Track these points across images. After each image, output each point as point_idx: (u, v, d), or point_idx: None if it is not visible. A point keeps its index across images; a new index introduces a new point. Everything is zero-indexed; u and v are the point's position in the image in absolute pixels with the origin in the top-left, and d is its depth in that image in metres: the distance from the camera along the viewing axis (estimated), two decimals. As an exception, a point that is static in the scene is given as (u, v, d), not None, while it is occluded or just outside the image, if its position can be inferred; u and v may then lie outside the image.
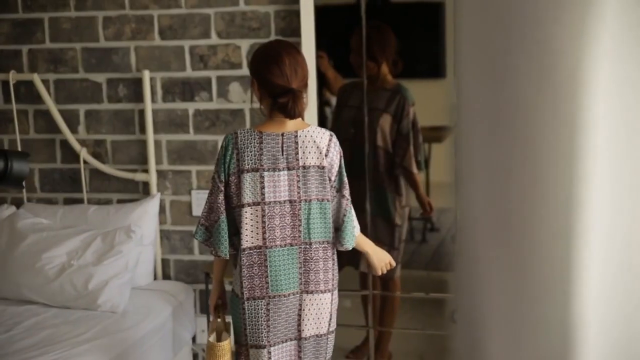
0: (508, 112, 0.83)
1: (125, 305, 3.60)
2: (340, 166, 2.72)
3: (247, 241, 2.66)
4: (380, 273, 2.93)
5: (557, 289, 0.81)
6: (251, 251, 2.66)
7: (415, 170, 3.75)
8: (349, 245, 2.74)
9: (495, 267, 0.86)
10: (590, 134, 0.78)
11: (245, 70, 3.83)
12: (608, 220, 0.80)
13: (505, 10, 0.80)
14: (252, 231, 2.66)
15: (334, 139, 2.72)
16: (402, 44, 3.77)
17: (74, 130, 4.07)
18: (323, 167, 2.68)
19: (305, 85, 2.68)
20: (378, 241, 3.79)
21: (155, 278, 4.03)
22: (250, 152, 2.64)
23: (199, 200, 3.98)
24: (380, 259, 2.92)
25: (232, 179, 2.66)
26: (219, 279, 2.88)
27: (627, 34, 0.76)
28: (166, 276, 4.09)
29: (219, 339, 2.83)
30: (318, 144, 2.67)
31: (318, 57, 3.71)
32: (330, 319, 2.79)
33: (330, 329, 2.80)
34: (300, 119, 2.69)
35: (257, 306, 2.68)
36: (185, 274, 4.07)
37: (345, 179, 2.73)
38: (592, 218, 0.79)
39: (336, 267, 2.79)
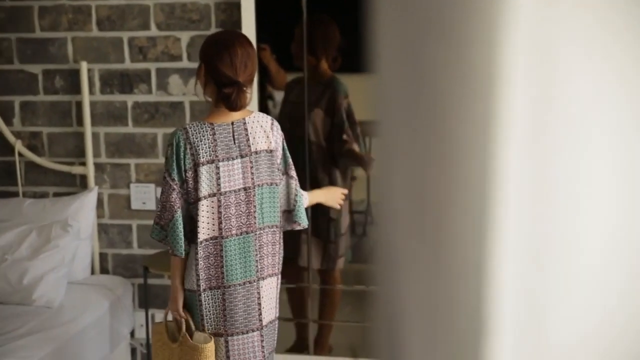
0: (425, 107, 0.84)
1: (62, 300, 3.55)
2: (283, 148, 2.77)
3: (203, 233, 2.65)
4: (339, 207, 3.14)
5: (471, 277, 0.83)
6: (207, 243, 2.66)
7: (357, 148, 3.77)
8: (305, 223, 2.83)
9: (413, 260, 0.87)
10: (504, 131, 0.79)
11: (185, 63, 3.80)
12: (521, 214, 0.82)
13: (424, 3, 0.81)
14: (208, 223, 2.65)
15: (275, 122, 2.78)
16: (343, 38, 3.78)
17: (8, 122, 3.99)
18: (271, 151, 2.72)
19: (251, 81, 2.70)
20: (315, 236, 3.80)
21: (92, 272, 3.97)
22: (205, 144, 2.63)
23: (137, 194, 3.94)
24: (334, 198, 3.08)
25: (189, 174, 2.64)
26: (180, 279, 2.77)
27: (541, 30, 0.78)
28: (104, 270, 4.03)
29: (191, 338, 2.73)
30: (265, 128, 2.72)
31: (260, 50, 3.69)
32: (277, 303, 2.84)
33: (277, 314, 2.85)
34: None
35: (214, 296, 2.68)
36: (123, 268, 4.02)
37: (290, 160, 2.79)
38: (506, 211, 0.81)
39: (282, 250, 2.82)
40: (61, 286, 3.57)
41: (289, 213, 2.79)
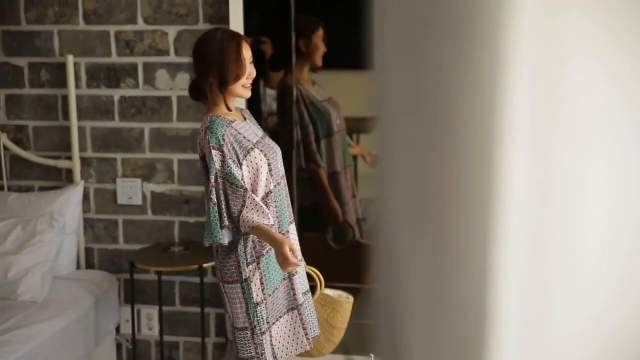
0: (428, 103, 0.84)
1: (47, 295, 3.52)
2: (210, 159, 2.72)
3: None
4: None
5: (475, 274, 0.83)
6: None
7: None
8: (204, 242, 2.73)
9: (414, 256, 0.88)
10: (507, 128, 0.80)
11: (172, 57, 3.78)
12: (524, 209, 0.82)
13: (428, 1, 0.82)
14: None
15: (207, 129, 2.73)
16: (330, 35, 3.78)
17: (-6, 115, 3.96)
18: (201, 157, 2.78)
19: (198, 72, 2.79)
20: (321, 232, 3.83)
21: (78, 267, 3.95)
22: None
23: (124, 189, 3.92)
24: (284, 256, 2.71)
25: None
26: None
27: (546, 27, 0.78)
28: (90, 265, 4.01)
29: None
30: (200, 134, 2.79)
31: (262, 43, 3.69)
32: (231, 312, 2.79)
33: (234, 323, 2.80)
34: (212, 105, 2.82)
35: None
36: (109, 263, 4.00)
37: (209, 172, 2.72)
38: (509, 207, 0.81)
39: (225, 260, 2.77)
40: (46, 281, 3.54)
41: None
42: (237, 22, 3.60)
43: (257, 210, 2.68)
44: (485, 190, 0.81)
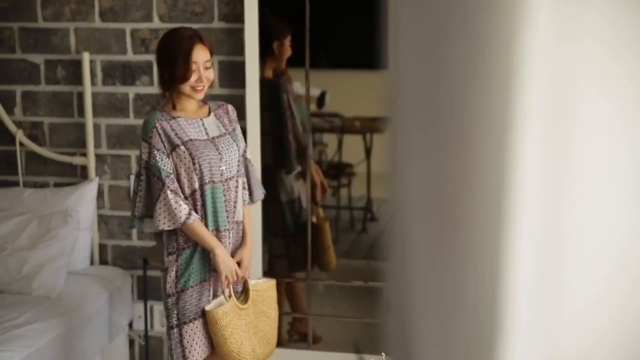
0: (442, 103, 0.84)
1: (61, 290, 3.55)
2: None
3: None
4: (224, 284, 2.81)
5: (486, 275, 0.84)
6: None
7: None
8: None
9: (427, 254, 0.88)
10: (521, 127, 0.80)
11: (187, 55, 3.79)
12: (537, 213, 0.82)
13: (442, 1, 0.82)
14: None
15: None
16: (344, 34, 3.79)
17: (10, 111, 3.99)
18: None
19: (157, 67, 2.87)
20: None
21: (92, 263, 3.97)
22: None
23: (138, 186, 3.94)
24: (229, 268, 2.81)
25: None
26: None
27: (559, 28, 0.78)
28: (103, 261, 4.04)
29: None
30: None
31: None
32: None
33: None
34: (167, 100, 2.90)
35: None
36: (123, 259, 4.02)
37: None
38: (522, 209, 0.82)
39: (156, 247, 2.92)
40: (60, 276, 3.57)
41: None
42: (252, 21, 3.61)
43: (166, 210, 2.71)
44: (498, 191, 0.81)
